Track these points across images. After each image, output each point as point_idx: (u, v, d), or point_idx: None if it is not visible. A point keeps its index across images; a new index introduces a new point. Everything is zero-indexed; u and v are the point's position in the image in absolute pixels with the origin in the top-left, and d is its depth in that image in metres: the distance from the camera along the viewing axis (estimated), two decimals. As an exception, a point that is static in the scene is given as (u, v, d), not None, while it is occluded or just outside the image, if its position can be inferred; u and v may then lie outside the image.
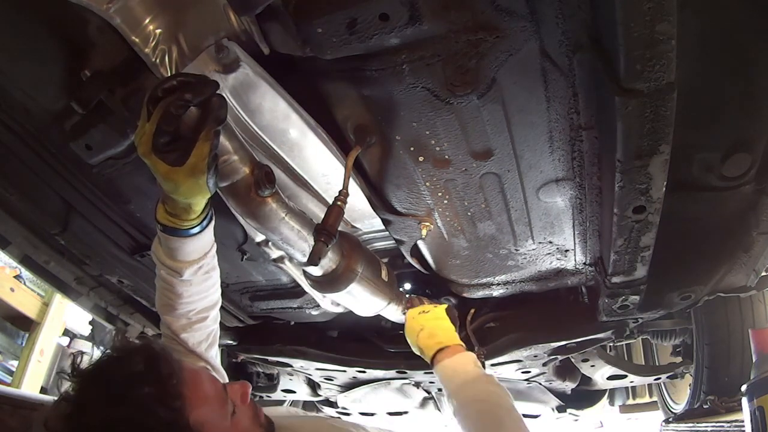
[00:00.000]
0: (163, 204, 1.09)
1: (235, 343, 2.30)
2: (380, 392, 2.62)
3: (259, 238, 1.55)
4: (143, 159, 0.92)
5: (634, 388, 3.48)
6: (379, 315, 1.61)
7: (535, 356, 1.99)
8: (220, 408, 1.06)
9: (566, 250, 1.47)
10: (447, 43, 0.94)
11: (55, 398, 1.01)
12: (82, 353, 1.18)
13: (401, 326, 1.60)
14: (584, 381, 2.42)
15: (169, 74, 1.01)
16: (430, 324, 1.51)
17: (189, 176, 0.92)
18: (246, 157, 1.02)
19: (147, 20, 0.97)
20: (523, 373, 2.22)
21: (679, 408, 2.62)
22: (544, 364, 2.12)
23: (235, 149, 1.00)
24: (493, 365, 2.06)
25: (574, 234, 1.39)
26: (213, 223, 1.15)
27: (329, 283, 1.31)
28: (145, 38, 0.98)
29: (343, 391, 2.70)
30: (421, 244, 1.52)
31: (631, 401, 3.57)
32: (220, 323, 1.40)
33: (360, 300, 1.42)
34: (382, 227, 1.49)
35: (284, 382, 2.76)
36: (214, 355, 1.38)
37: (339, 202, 1.12)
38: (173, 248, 1.14)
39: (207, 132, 0.89)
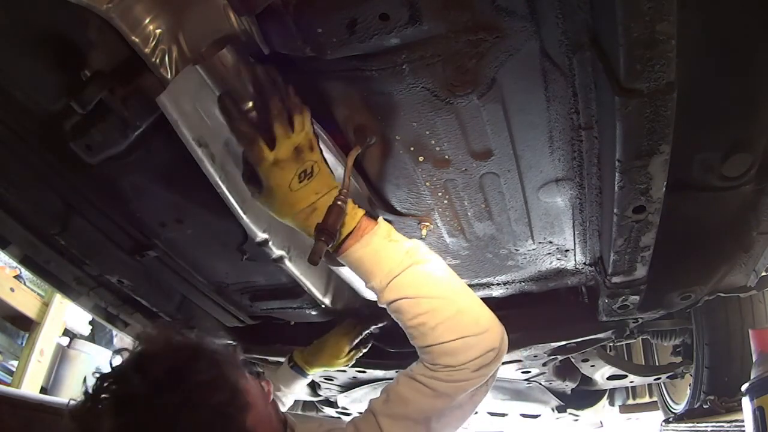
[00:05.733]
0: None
1: (235, 343, 2.30)
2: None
3: (260, 238, 1.55)
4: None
5: (634, 388, 3.48)
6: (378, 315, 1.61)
7: (535, 356, 1.99)
8: (266, 407, 1.16)
9: (566, 250, 1.47)
10: (447, 43, 0.94)
11: (72, 399, 1.03)
12: (123, 350, 1.17)
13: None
14: (584, 381, 2.42)
15: (170, 74, 1.01)
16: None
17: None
18: None
19: (147, 20, 0.97)
20: (523, 373, 2.22)
21: (679, 408, 2.62)
22: (544, 364, 2.12)
23: None
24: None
25: (574, 234, 1.39)
26: None
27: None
28: (145, 38, 0.98)
29: (343, 391, 2.70)
30: (421, 244, 1.52)
31: (631, 401, 3.57)
32: (220, 323, 1.43)
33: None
34: (382, 227, 1.49)
35: (284, 382, 2.76)
36: None
37: (339, 202, 1.11)
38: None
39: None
